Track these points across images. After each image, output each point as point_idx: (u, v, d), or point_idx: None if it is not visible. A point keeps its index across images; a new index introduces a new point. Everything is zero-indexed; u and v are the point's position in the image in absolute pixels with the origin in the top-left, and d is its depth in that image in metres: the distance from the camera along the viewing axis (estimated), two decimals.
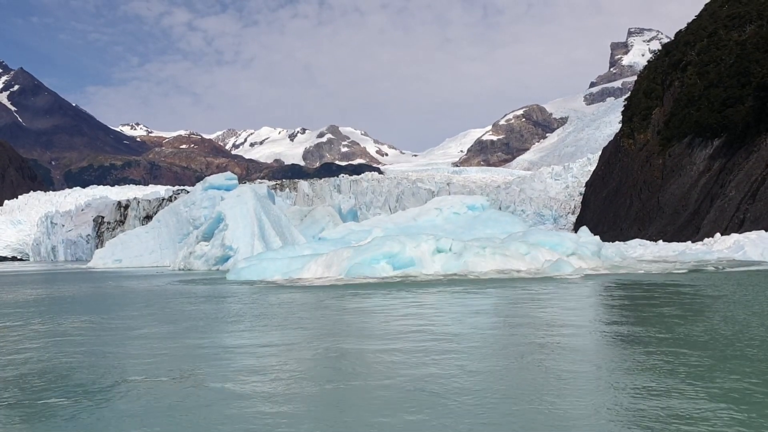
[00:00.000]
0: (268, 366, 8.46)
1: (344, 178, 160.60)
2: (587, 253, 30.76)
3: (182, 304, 18.20)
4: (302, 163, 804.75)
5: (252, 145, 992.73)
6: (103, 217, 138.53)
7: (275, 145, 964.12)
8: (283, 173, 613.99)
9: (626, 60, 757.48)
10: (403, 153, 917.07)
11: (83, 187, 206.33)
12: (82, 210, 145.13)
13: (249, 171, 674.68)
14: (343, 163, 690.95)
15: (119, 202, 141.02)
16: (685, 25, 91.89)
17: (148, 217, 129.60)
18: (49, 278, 40.47)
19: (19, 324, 14.15)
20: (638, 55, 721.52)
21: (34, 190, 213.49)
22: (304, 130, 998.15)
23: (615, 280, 22.63)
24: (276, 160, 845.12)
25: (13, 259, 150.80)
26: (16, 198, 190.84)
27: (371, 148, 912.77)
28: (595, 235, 39.69)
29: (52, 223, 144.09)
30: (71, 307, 18.57)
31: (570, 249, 29.98)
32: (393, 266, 25.97)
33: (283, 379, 7.72)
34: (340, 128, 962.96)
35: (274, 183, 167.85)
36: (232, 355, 9.48)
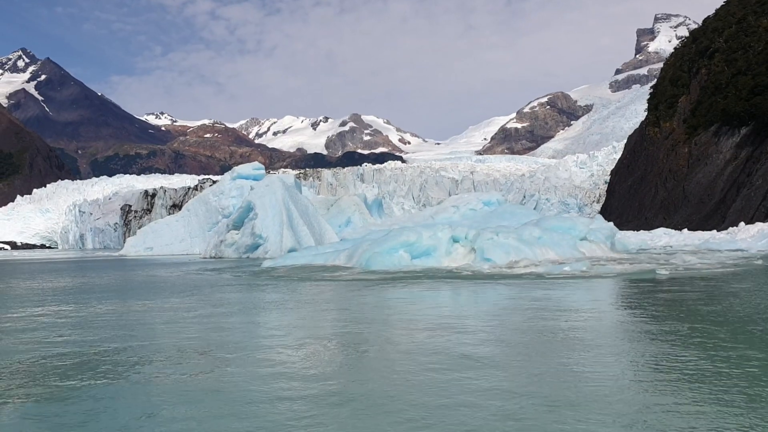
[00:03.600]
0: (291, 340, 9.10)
1: (367, 167, 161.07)
2: (600, 238, 31.26)
3: (220, 291, 19.00)
4: (325, 152, 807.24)
5: (275, 134, 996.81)
6: (130, 206, 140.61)
7: (298, 134, 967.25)
8: (306, 162, 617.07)
9: (652, 46, 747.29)
10: (426, 141, 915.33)
11: (109, 175, 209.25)
12: (110, 199, 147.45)
13: (272, 160, 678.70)
14: (366, 152, 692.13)
15: (146, 191, 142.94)
16: (714, 11, 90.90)
17: (175, 206, 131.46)
18: (87, 266, 41.63)
19: (81, 307, 14.93)
20: (665, 42, 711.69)
21: (62, 179, 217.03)
22: (326, 119, 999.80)
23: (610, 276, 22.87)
24: (299, 149, 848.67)
25: (42, 246, 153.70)
26: (44, 187, 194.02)
27: (394, 137, 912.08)
28: (620, 223, 40.05)
29: (80, 211, 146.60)
30: (123, 292, 19.40)
31: (582, 233, 30.62)
32: (411, 255, 26.86)
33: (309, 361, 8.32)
34: (362, 117, 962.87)
35: (298, 172, 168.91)
36: (260, 333, 10.14)
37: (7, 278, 29.37)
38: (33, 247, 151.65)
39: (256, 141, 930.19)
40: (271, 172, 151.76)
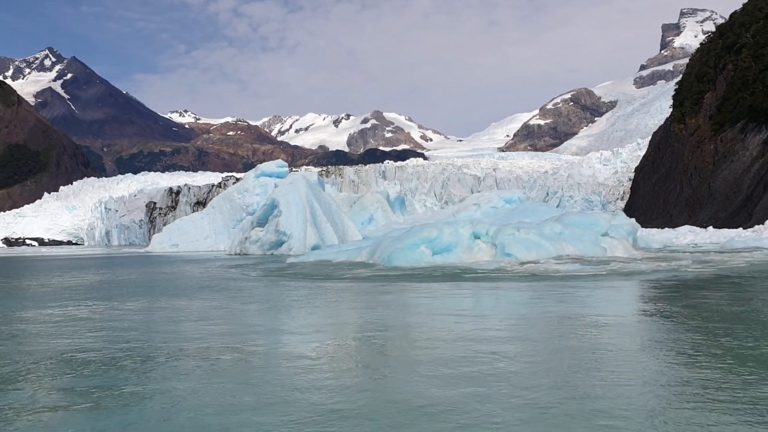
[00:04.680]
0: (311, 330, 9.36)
1: (389, 165, 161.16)
2: (622, 234, 31.31)
3: (247, 288, 19.36)
4: (346, 149, 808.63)
5: (297, 131, 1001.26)
6: (155, 203, 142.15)
7: (320, 131, 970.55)
8: (328, 159, 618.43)
9: (678, 42, 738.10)
10: (448, 138, 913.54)
11: (134, 173, 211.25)
12: (135, 196, 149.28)
13: (294, 157, 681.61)
14: (387, 149, 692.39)
15: (170, 189, 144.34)
16: (741, 6, 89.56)
17: (199, 203, 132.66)
18: (116, 262, 42.33)
19: (114, 303, 15.35)
20: (691, 37, 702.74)
21: (88, 177, 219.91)
22: (348, 116, 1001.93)
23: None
24: (320, 147, 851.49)
25: (69, 243, 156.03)
26: (71, 184, 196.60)
27: (415, 134, 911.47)
28: (644, 221, 39.88)
29: (106, 208, 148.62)
30: (154, 288, 19.84)
31: (603, 229, 30.68)
32: (432, 251, 27.15)
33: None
34: (384, 114, 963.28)
35: (320, 169, 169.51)
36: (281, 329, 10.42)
37: (38, 274, 30.06)
38: (60, 243, 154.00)
39: (279, 138, 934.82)
40: (294, 169, 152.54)
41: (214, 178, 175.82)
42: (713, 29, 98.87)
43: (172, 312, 13.33)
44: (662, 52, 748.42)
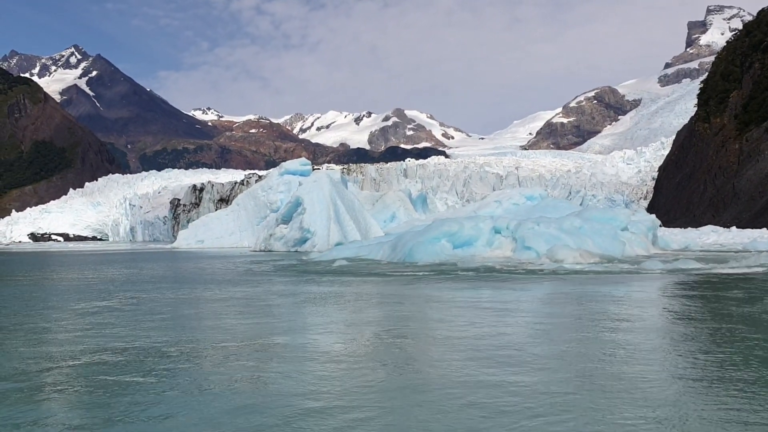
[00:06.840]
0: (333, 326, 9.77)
1: (410, 163, 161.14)
2: (642, 230, 31.34)
3: (275, 284, 19.81)
4: (368, 147, 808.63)
5: (319, 129, 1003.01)
6: (179, 200, 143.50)
7: (341, 129, 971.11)
8: (349, 157, 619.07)
9: (704, 39, 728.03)
10: (470, 136, 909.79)
11: (158, 170, 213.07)
12: (159, 192, 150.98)
13: (315, 155, 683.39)
14: (408, 147, 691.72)
15: (194, 186, 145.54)
16: None
17: (222, 200, 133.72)
18: (145, 258, 43.06)
19: (158, 294, 15.89)
20: (717, 34, 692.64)
21: (112, 173, 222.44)
22: (369, 114, 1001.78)
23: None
24: (342, 144, 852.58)
25: (93, 239, 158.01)
26: (96, 180, 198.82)
27: (437, 132, 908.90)
28: (667, 221, 39.80)
29: (130, 204, 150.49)
30: (186, 283, 20.37)
31: (623, 224, 30.76)
32: (453, 244, 27.44)
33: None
34: (405, 111, 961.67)
35: (342, 167, 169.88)
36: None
37: (72, 269, 30.79)
38: (85, 239, 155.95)
39: (300, 136, 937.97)
40: (315, 167, 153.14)
41: (236, 175, 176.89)
42: (740, 27, 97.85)
43: (212, 305, 13.85)
44: (688, 49, 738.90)
